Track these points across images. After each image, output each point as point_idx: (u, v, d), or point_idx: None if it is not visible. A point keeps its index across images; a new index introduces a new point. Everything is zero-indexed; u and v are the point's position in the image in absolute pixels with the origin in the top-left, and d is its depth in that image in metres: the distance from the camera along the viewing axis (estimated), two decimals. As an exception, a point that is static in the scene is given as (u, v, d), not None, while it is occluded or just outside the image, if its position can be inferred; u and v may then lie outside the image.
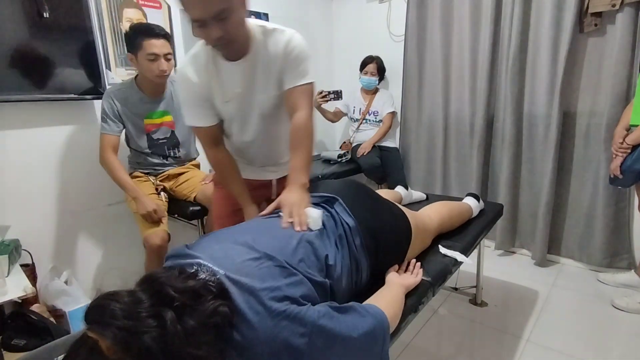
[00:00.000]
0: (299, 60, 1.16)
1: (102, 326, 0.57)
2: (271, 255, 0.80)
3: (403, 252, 1.21)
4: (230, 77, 1.18)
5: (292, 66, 1.16)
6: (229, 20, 0.99)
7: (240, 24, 1.06)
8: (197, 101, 1.21)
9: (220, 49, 1.10)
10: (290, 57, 1.15)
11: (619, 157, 1.83)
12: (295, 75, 1.17)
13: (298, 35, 1.17)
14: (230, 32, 1.02)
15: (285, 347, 0.67)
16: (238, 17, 1.02)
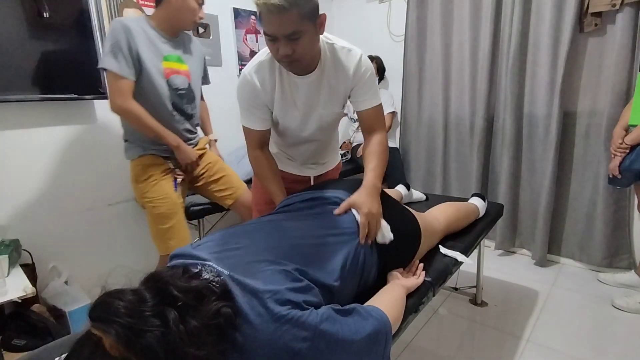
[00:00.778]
0: (371, 82, 1.22)
1: (105, 323, 0.58)
2: (278, 259, 0.79)
3: (411, 254, 1.21)
4: (294, 90, 1.21)
5: (365, 88, 1.22)
6: (299, 41, 1.02)
7: (311, 46, 1.07)
8: (256, 105, 1.24)
9: (285, 65, 1.12)
10: (362, 79, 1.20)
11: (618, 157, 1.84)
12: (369, 97, 1.24)
13: (365, 56, 1.21)
14: (299, 52, 1.04)
15: (287, 351, 0.67)
16: (310, 40, 1.05)
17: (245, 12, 2.61)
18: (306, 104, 1.24)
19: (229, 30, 2.55)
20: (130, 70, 1.48)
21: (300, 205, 1.13)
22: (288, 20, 0.97)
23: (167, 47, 1.59)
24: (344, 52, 1.18)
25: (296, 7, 0.95)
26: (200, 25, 2.37)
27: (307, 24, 1.01)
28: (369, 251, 1.02)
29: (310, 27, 1.02)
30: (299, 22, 0.98)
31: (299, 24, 0.98)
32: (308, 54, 1.08)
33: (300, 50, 1.04)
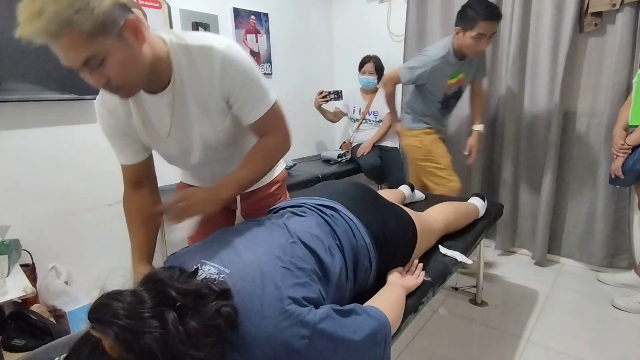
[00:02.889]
0: (248, 85, 0.92)
1: (104, 325, 0.58)
2: (276, 255, 0.79)
3: (409, 254, 1.21)
4: (155, 112, 0.96)
5: (242, 95, 0.92)
6: (106, 65, 0.78)
7: (128, 66, 0.81)
8: (116, 135, 1.02)
9: (114, 93, 0.86)
10: (234, 83, 0.90)
11: (620, 157, 1.83)
12: (252, 106, 0.94)
13: (233, 47, 0.90)
14: (115, 77, 0.80)
15: (286, 349, 0.67)
16: (122, 58, 0.79)
17: (245, 12, 2.61)
18: (176, 128, 0.98)
19: (228, 30, 2.55)
20: None
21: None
22: (69, 46, 0.73)
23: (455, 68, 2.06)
24: (203, 51, 0.88)
25: (70, 26, 0.70)
26: (200, 25, 2.37)
27: (103, 42, 0.75)
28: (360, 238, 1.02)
29: (111, 42, 0.76)
30: (87, 44, 0.73)
31: (89, 46, 0.74)
32: (130, 74, 0.82)
33: (115, 75, 0.79)
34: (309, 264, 0.82)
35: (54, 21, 0.68)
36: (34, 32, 0.69)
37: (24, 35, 0.70)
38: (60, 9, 0.68)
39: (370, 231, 1.04)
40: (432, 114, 2.19)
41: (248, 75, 0.92)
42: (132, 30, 0.81)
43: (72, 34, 0.71)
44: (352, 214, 1.04)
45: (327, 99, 2.78)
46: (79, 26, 0.70)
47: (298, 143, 3.26)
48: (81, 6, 0.70)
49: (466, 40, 1.91)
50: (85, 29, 0.71)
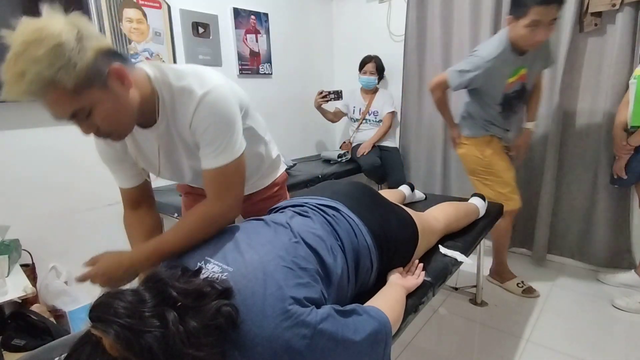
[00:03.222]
0: (214, 131, 0.88)
1: (105, 324, 0.58)
2: (279, 255, 0.79)
3: (409, 254, 1.21)
4: (146, 145, 0.98)
5: (205, 139, 0.89)
6: (94, 116, 0.77)
7: (116, 113, 0.80)
8: (113, 162, 1.04)
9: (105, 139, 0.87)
10: (199, 129, 0.88)
11: (623, 158, 1.83)
12: (210, 152, 0.89)
13: (213, 94, 0.87)
14: (105, 125, 0.80)
15: (286, 349, 0.67)
16: (109, 107, 0.78)
17: (245, 12, 2.61)
18: (165, 160, 1.00)
19: (228, 30, 2.55)
20: None
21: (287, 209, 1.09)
22: (54, 103, 0.72)
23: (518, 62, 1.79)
24: (183, 93, 0.87)
25: (53, 85, 0.69)
26: (200, 25, 2.37)
27: (88, 94, 0.74)
28: (362, 237, 1.02)
29: (96, 94, 0.75)
30: (72, 100, 0.72)
31: (74, 101, 0.73)
32: (119, 122, 0.83)
33: (104, 124, 0.80)
34: (312, 264, 0.82)
35: (36, 82, 0.68)
36: (18, 94, 0.68)
37: (8, 98, 0.68)
38: (42, 69, 0.67)
39: (372, 231, 1.04)
40: (492, 118, 1.93)
41: (218, 122, 0.88)
42: (118, 77, 0.79)
43: (56, 92, 0.71)
44: (353, 214, 1.04)
45: (327, 98, 2.78)
46: (62, 84, 0.70)
47: (298, 143, 3.27)
48: (62, 63, 0.69)
49: (519, 30, 1.63)
50: (68, 86, 0.70)
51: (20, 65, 0.67)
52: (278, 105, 2.95)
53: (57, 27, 0.69)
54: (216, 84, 0.88)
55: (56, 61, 0.68)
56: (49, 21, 0.70)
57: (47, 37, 0.67)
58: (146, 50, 2.12)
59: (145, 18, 2.10)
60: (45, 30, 0.68)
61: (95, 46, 0.74)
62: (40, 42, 0.67)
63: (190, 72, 0.90)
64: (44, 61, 0.67)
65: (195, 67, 0.92)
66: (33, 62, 0.67)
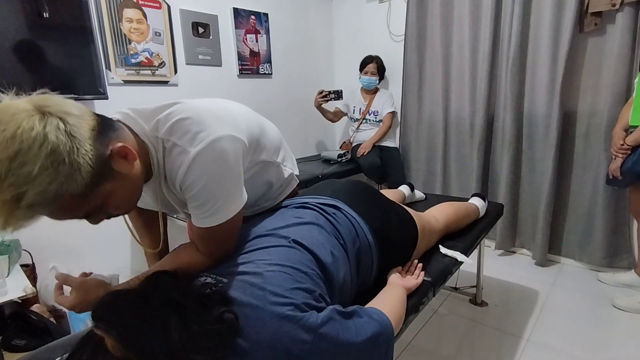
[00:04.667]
0: (204, 197, 0.79)
1: (108, 324, 0.58)
2: (278, 260, 0.79)
3: (409, 253, 1.21)
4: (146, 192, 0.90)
5: (192, 205, 0.82)
6: (108, 207, 0.71)
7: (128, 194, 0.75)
8: None
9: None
10: (189, 192, 0.79)
11: (619, 158, 1.83)
12: (196, 214, 0.83)
13: (207, 151, 0.76)
14: (117, 212, 0.76)
15: (287, 354, 0.67)
16: (120, 194, 0.71)
17: (245, 12, 2.61)
18: (164, 206, 0.94)
19: (228, 30, 2.55)
20: None
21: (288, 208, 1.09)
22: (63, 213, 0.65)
23: None
24: (175, 152, 0.77)
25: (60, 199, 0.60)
26: (200, 25, 2.37)
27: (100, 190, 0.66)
28: (363, 235, 1.02)
29: (108, 186, 0.67)
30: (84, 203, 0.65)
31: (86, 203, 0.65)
32: (132, 200, 0.78)
33: (118, 209, 0.75)
34: (311, 268, 0.82)
35: (38, 204, 0.57)
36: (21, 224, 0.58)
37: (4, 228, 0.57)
38: (43, 188, 0.55)
39: (373, 228, 1.04)
40: None
41: (212, 183, 0.78)
42: (122, 156, 0.69)
43: (64, 203, 0.61)
44: (354, 212, 1.04)
45: (327, 98, 2.78)
46: (69, 193, 0.60)
47: (298, 143, 3.27)
48: (66, 172, 0.57)
49: None
50: (77, 192, 0.61)
51: (11, 190, 0.53)
52: (278, 105, 2.95)
53: (30, 124, 0.54)
54: (213, 137, 0.76)
55: (57, 173, 0.56)
56: (13, 117, 0.54)
57: (31, 146, 0.54)
58: (146, 51, 2.12)
59: (145, 18, 2.10)
60: (22, 136, 0.54)
61: (86, 129, 0.62)
62: (25, 153, 0.53)
63: (182, 117, 0.77)
64: (44, 178, 0.55)
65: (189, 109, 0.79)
66: (27, 182, 0.54)
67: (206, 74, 2.45)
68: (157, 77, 2.19)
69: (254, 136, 0.93)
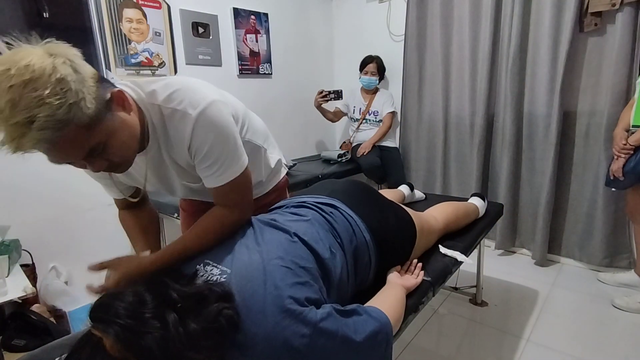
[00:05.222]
0: (216, 151, 0.84)
1: (105, 324, 0.58)
2: (278, 255, 0.80)
3: (407, 253, 1.21)
4: (135, 168, 0.90)
5: (208, 160, 0.85)
6: (108, 149, 0.72)
7: (128, 140, 0.76)
8: (98, 178, 1.02)
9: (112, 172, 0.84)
10: (200, 152, 0.84)
11: (622, 158, 1.83)
12: (216, 172, 0.86)
13: (208, 111, 0.81)
14: (115, 158, 0.75)
15: (286, 348, 0.67)
16: (121, 136, 0.74)
17: (245, 12, 2.61)
18: (156, 178, 0.97)
19: (228, 30, 2.55)
20: None
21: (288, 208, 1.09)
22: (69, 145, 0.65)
23: None
24: (176, 117, 0.81)
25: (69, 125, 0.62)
26: (200, 25, 2.37)
27: (103, 126, 0.69)
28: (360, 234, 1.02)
29: (110, 124, 0.71)
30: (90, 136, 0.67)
31: (90, 138, 0.67)
32: (131, 149, 0.78)
33: (117, 155, 0.75)
34: (311, 263, 0.83)
35: (49, 127, 0.59)
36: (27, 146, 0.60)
37: (15, 151, 0.60)
38: (53, 110, 0.59)
39: (370, 227, 1.04)
40: None
41: (219, 140, 0.83)
42: (120, 103, 0.74)
43: (72, 132, 0.63)
44: (351, 211, 1.05)
45: (327, 98, 2.78)
46: (77, 121, 0.63)
47: (298, 143, 3.27)
48: (73, 99, 0.61)
49: None
50: (83, 122, 0.64)
51: (22, 113, 0.57)
52: (278, 105, 2.95)
53: (44, 60, 0.60)
54: (209, 100, 0.82)
55: (66, 98, 0.60)
56: (27, 55, 0.60)
57: (42, 74, 0.59)
58: (146, 51, 2.12)
59: (145, 18, 2.10)
60: (34, 66, 0.59)
61: (90, 72, 0.68)
62: (36, 80, 0.58)
63: (177, 88, 0.82)
64: (53, 101, 0.59)
65: (180, 81, 0.84)
66: (38, 106, 0.58)
67: (206, 74, 2.45)
68: (157, 77, 2.19)
69: (238, 112, 0.99)
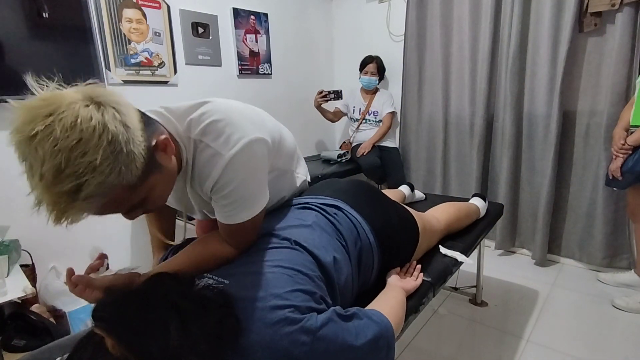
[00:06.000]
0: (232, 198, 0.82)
1: (108, 324, 0.58)
2: (279, 262, 0.79)
3: (410, 254, 1.21)
4: None
5: (222, 202, 0.83)
6: (149, 201, 0.70)
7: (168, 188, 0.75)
8: None
9: None
10: (219, 193, 0.81)
11: (620, 158, 1.83)
12: (225, 211, 0.84)
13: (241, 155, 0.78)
14: (154, 206, 0.73)
15: (286, 355, 0.67)
16: (162, 187, 0.72)
17: (244, 12, 2.61)
18: (177, 202, 0.97)
19: (228, 30, 2.55)
20: None
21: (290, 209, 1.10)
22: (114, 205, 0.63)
23: None
24: (207, 153, 0.78)
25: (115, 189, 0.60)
26: (200, 25, 2.37)
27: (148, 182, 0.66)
28: (364, 236, 1.02)
29: (154, 178, 0.67)
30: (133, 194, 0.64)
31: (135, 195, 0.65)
32: (167, 194, 0.76)
33: (155, 203, 0.72)
34: (312, 269, 0.82)
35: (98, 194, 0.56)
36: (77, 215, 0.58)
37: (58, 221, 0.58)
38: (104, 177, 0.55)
39: (374, 229, 1.04)
40: None
41: (244, 184, 0.81)
42: (163, 149, 0.70)
43: (117, 195, 0.60)
44: (355, 212, 1.04)
45: (326, 98, 2.78)
46: (124, 184, 0.59)
47: (298, 143, 3.25)
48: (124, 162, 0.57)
49: None
50: (131, 183, 0.61)
51: (68, 180, 0.53)
52: (278, 105, 2.95)
53: (89, 113, 0.54)
54: (245, 141, 0.78)
55: (117, 162, 0.56)
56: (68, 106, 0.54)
57: (92, 135, 0.53)
58: (146, 51, 2.12)
59: (144, 18, 2.10)
60: (80, 125, 0.53)
61: (136, 121, 0.62)
62: (85, 143, 0.53)
63: (214, 119, 0.78)
64: (104, 168, 0.54)
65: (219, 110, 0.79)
66: (87, 174, 0.53)
67: (206, 74, 2.45)
68: (157, 77, 2.19)
69: (275, 140, 0.94)
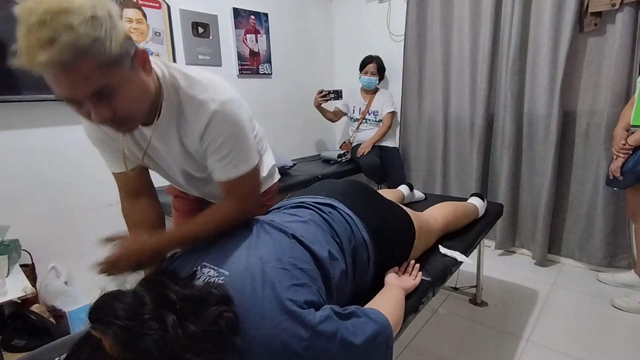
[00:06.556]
0: (230, 144, 0.86)
1: (105, 325, 0.58)
2: (276, 257, 0.79)
3: (406, 253, 1.21)
4: (138, 138, 0.92)
5: (221, 152, 0.87)
6: (117, 97, 0.71)
7: (138, 97, 0.76)
8: (101, 144, 0.97)
9: (113, 129, 0.80)
10: (213, 145, 0.85)
11: (620, 158, 1.83)
12: (228, 165, 0.88)
13: (228, 106, 0.84)
14: (122, 110, 0.73)
15: (284, 350, 0.67)
16: (132, 89, 0.74)
17: (245, 12, 2.61)
18: (158, 158, 0.97)
19: (228, 30, 2.55)
20: None
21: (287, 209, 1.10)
22: (81, 76, 0.65)
23: None
24: (195, 103, 0.83)
25: (85, 55, 0.64)
26: (200, 25, 2.37)
27: (118, 72, 0.70)
28: (359, 233, 1.02)
29: (126, 73, 0.72)
30: (101, 74, 0.67)
31: (103, 77, 0.68)
32: (139, 107, 0.78)
33: (124, 107, 0.73)
34: (309, 264, 0.82)
35: (68, 50, 0.62)
36: (44, 61, 0.62)
37: (28, 65, 0.63)
38: (77, 37, 0.62)
39: (368, 227, 1.04)
40: None
41: (234, 135, 0.86)
42: (141, 62, 0.77)
43: (87, 63, 0.65)
44: (350, 211, 1.05)
45: (326, 98, 2.78)
46: (95, 55, 0.65)
47: (298, 143, 3.27)
48: (98, 35, 0.65)
49: None
50: (101, 58, 0.66)
51: (49, 31, 0.61)
52: (278, 105, 2.95)
53: (86, 2, 0.64)
54: (230, 97, 0.86)
55: (92, 32, 0.64)
56: None
57: (78, 8, 0.63)
58: (146, 50, 2.12)
59: (145, 18, 2.10)
60: (74, 3, 0.63)
61: (122, 27, 0.71)
62: (72, 12, 0.62)
63: (201, 80, 0.85)
64: (80, 30, 0.62)
65: (206, 76, 0.87)
66: (66, 29, 0.61)
67: (206, 74, 2.45)
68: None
69: (251, 116, 1.00)
